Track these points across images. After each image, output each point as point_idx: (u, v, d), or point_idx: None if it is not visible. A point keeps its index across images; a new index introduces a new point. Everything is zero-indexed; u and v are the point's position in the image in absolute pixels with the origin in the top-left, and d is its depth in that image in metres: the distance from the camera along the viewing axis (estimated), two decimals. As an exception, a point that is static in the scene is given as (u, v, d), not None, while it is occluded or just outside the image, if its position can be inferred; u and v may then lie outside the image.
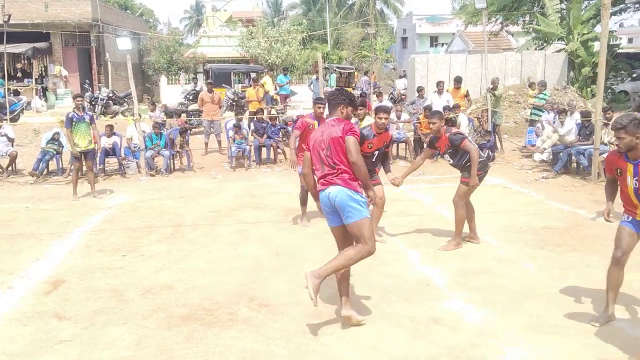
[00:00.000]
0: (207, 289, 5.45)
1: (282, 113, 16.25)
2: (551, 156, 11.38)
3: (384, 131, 6.46)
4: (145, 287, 5.52)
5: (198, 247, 6.85)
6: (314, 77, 21.19)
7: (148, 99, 25.51)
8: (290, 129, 13.38)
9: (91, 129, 9.68)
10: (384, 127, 6.42)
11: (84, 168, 10.04)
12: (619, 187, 4.66)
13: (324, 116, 7.89)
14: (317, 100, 7.90)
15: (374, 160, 6.51)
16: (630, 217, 4.57)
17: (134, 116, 12.44)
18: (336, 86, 28.24)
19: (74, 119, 9.51)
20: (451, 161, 6.62)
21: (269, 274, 5.85)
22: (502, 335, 4.34)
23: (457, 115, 12.65)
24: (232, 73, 23.45)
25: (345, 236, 4.55)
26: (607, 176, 4.87)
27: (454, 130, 6.60)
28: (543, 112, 12.96)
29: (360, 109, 7.90)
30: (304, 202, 7.61)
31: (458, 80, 13.96)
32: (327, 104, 4.84)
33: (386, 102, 14.88)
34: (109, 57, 24.88)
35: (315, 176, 4.68)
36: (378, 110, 6.49)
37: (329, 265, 4.39)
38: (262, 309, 4.96)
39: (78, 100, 9.74)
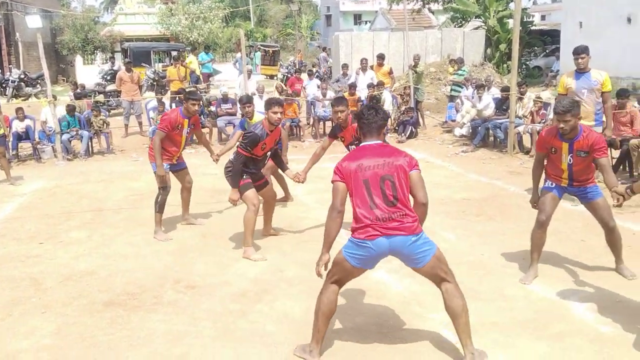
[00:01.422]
0: (131, 273, 5.32)
1: (206, 92, 15.92)
2: (470, 130, 11.79)
3: (276, 127, 5.73)
4: (64, 274, 5.32)
5: (121, 231, 6.65)
6: (238, 55, 20.88)
7: (63, 80, 24.37)
8: (214, 108, 13.17)
9: None
10: (278, 123, 5.70)
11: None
12: (545, 163, 4.99)
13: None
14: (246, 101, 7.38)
15: (265, 162, 5.96)
16: (555, 184, 4.91)
17: (47, 98, 11.84)
18: (261, 64, 28.05)
19: None
20: None
21: (195, 256, 5.77)
22: (425, 303, 4.49)
23: (381, 93, 12.84)
24: (151, 52, 22.76)
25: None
26: (538, 154, 5.17)
27: None
28: (462, 88, 13.37)
29: (248, 106, 7.28)
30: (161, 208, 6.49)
31: (381, 57, 14.13)
32: (361, 124, 3.75)
33: (314, 82, 14.85)
34: (19, 36, 23.52)
35: (361, 213, 3.51)
36: (271, 104, 5.64)
37: None
38: (189, 291, 4.90)
39: None
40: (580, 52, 6.91)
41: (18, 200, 8.24)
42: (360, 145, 3.74)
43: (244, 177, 5.70)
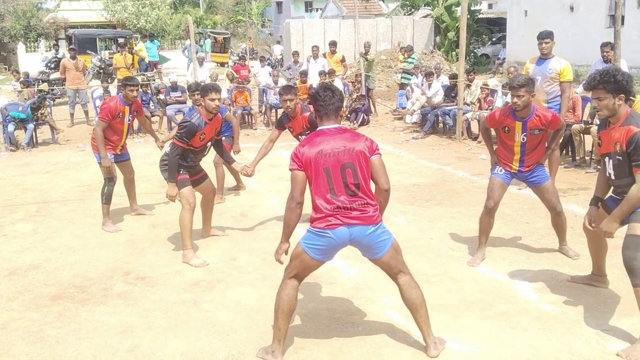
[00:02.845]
0: (79, 266, 5.20)
1: (153, 80, 15.60)
2: (420, 117, 11.97)
3: (214, 116, 5.37)
4: (9, 268, 5.16)
5: (67, 223, 6.48)
6: (187, 42, 20.50)
7: (5, 68, 23.42)
8: (163, 96, 12.93)
9: None
10: (216, 111, 5.33)
11: None
12: (495, 147, 5.11)
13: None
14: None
15: (205, 153, 5.60)
16: (503, 170, 5.01)
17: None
18: (212, 52, 27.64)
19: None
20: None
21: (145, 247, 5.69)
22: (376, 287, 4.56)
23: (332, 80, 12.86)
24: (97, 39, 22.10)
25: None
26: (484, 127, 5.32)
27: (312, 109, 5.89)
28: (412, 75, 13.53)
29: (198, 94, 6.29)
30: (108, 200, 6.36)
31: (333, 45, 14.16)
32: (318, 107, 3.56)
33: (266, 69, 14.75)
34: (-45, 22, 22.42)
35: (321, 203, 3.41)
36: (207, 90, 5.25)
37: None
38: (139, 282, 4.83)
39: None
40: (543, 37, 6.84)
41: (-43, 193, 7.91)
42: (318, 129, 3.52)
43: (181, 171, 5.33)
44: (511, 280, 4.66)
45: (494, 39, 24.13)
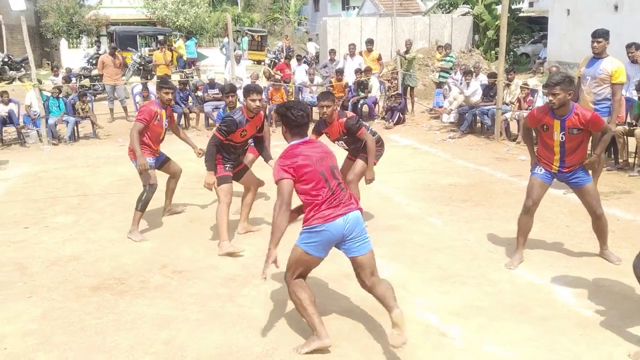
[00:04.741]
0: (118, 258, 5.30)
1: (191, 77, 15.81)
2: (457, 117, 11.82)
3: (256, 114, 5.53)
4: (50, 259, 5.29)
5: (107, 216, 6.62)
6: (225, 40, 20.71)
7: (48, 63, 24.05)
8: (201, 93, 13.08)
9: None
10: (257, 111, 5.49)
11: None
12: (537, 146, 5.01)
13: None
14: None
15: (246, 148, 5.92)
16: (543, 170, 4.92)
17: (32, 82, 11.68)
18: (249, 50, 27.84)
19: None
20: (347, 147, 6.01)
21: (182, 241, 5.77)
22: (410, 287, 4.53)
23: (368, 79, 12.82)
24: (137, 36, 22.49)
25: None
26: (525, 125, 5.23)
27: (349, 114, 5.74)
28: (450, 74, 13.38)
29: (232, 96, 6.59)
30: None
31: (370, 43, 14.07)
32: (293, 126, 3.78)
33: (302, 67, 14.79)
34: (3, 18, 23.10)
35: (319, 201, 3.62)
36: (249, 91, 5.42)
37: None
38: (176, 275, 4.90)
39: None
40: (596, 35, 6.55)
41: (2, 185, 8.15)
42: (293, 143, 3.75)
43: (226, 167, 5.54)
44: (550, 284, 4.56)
45: (534, 38, 23.66)
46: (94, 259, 5.30)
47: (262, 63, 25.52)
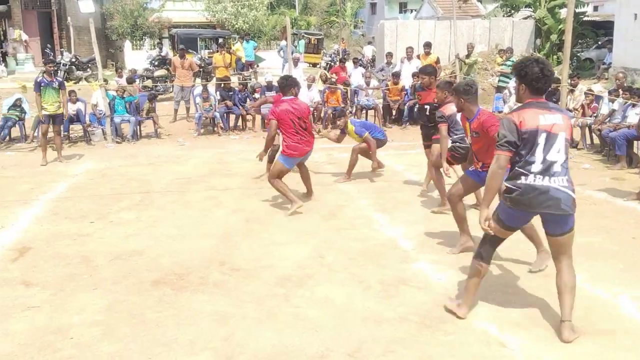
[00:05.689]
0: (178, 254, 5.44)
1: (249, 80, 16.06)
2: (517, 122, 11.54)
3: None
4: (114, 253, 5.48)
5: (168, 213, 6.80)
6: (283, 42, 20.94)
7: (112, 64, 24.90)
8: (258, 95, 13.26)
9: (60, 95, 9.63)
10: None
11: (50, 133, 9.88)
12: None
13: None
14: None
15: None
16: (473, 168, 5.27)
17: (98, 82, 12.14)
18: (305, 53, 28.06)
19: (42, 84, 9.47)
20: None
21: (240, 240, 5.86)
22: (469, 295, 4.45)
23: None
24: (198, 38, 22.99)
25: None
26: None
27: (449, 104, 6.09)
28: (510, 78, 13.09)
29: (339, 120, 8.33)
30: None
31: (428, 45, 13.95)
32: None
33: (359, 70, 14.80)
34: (71, 20, 24.09)
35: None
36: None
37: None
38: (233, 273, 4.98)
39: (49, 67, 9.71)
40: None
41: (70, 180, 8.50)
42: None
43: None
44: (616, 298, 4.40)
45: (599, 43, 22.86)
46: (155, 254, 5.46)
47: (318, 66, 25.66)
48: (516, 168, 3.76)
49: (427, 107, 6.88)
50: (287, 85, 6.83)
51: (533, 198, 3.67)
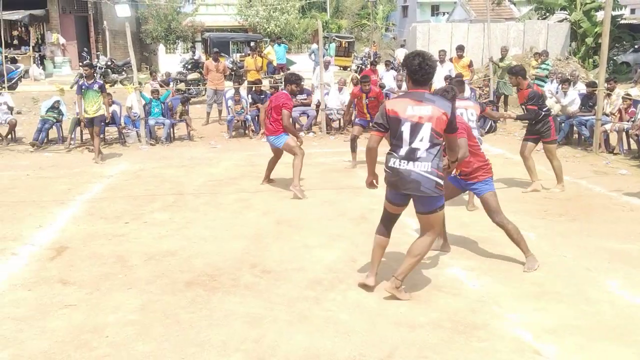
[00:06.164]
0: (210, 255, 5.48)
1: (281, 82, 16.11)
2: (552, 127, 11.35)
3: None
4: (148, 253, 5.55)
5: (200, 215, 6.87)
6: (314, 46, 20.99)
7: (146, 67, 25.30)
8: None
9: (101, 97, 10.01)
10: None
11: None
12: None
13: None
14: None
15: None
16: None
17: (133, 85, 12.36)
18: (335, 56, 28.09)
19: (83, 87, 9.89)
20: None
21: (271, 242, 5.88)
22: (504, 302, 4.39)
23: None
24: (230, 42, 23.19)
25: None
26: None
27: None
28: (545, 82, 12.88)
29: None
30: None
31: (461, 49, 13.81)
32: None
33: (391, 73, 14.74)
34: (107, 24, 24.55)
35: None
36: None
37: None
38: (265, 275, 5.00)
39: (85, 70, 10.13)
40: None
41: (105, 181, 8.66)
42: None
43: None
44: (656, 308, 4.28)
45: (636, 47, 22.34)
46: (188, 255, 5.52)
47: (349, 69, 25.65)
48: (389, 151, 4.34)
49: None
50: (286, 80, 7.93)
51: (398, 180, 4.26)
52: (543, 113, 7.42)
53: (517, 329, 3.99)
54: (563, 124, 10.72)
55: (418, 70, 4.16)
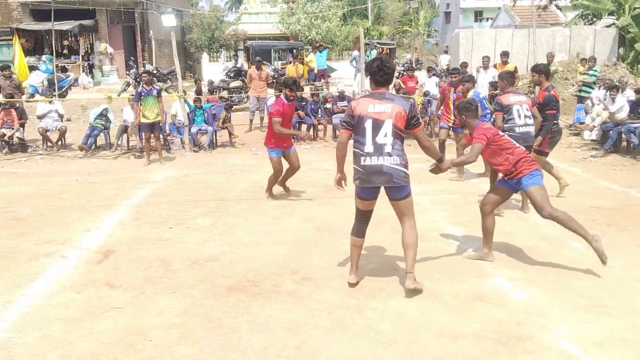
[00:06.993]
0: (252, 261, 5.53)
1: (321, 90, 16.19)
2: (600, 134, 11.05)
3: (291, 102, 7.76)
4: (191, 258, 5.64)
5: (242, 220, 6.94)
6: (355, 53, 20.99)
7: (190, 76, 25.79)
8: (330, 105, 13.36)
9: (158, 102, 10.44)
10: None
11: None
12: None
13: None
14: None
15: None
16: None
17: (178, 93, 12.61)
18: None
19: (143, 93, 10.36)
20: None
21: (311, 248, 5.90)
22: (550, 314, 4.28)
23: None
24: (272, 50, 23.41)
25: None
26: None
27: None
28: (593, 88, 12.56)
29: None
30: None
31: (505, 55, 13.58)
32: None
33: (433, 80, 14.63)
34: (153, 34, 25.15)
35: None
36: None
37: None
38: (305, 282, 5.01)
39: (144, 76, 10.66)
40: None
41: (150, 187, 8.85)
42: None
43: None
44: None
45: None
46: (230, 260, 5.58)
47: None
48: (354, 149, 4.59)
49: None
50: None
51: (371, 175, 4.53)
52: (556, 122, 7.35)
53: (564, 341, 3.89)
54: (611, 132, 10.42)
55: (377, 71, 4.52)
